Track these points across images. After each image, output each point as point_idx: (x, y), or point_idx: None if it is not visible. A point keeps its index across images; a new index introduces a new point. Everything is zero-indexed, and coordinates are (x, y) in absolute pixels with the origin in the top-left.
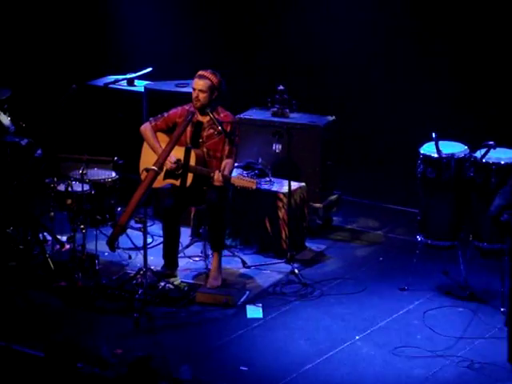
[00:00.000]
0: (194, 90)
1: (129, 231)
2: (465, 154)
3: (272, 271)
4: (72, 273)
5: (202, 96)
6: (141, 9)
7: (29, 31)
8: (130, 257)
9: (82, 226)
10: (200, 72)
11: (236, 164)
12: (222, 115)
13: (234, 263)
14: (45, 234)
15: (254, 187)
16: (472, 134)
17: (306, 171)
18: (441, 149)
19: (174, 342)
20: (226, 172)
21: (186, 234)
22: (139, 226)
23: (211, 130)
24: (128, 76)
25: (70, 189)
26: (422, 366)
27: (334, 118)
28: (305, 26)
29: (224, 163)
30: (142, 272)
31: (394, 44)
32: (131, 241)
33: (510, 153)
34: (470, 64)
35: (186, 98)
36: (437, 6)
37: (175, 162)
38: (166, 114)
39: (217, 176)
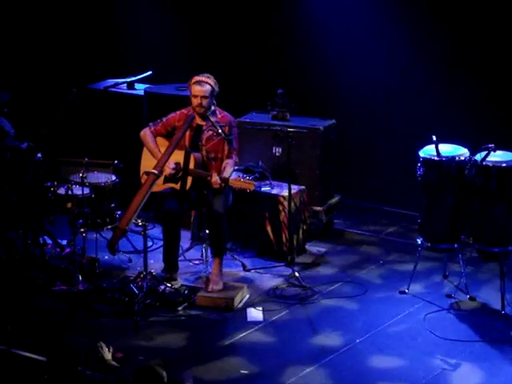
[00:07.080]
0: (195, 97)
1: (129, 234)
2: (465, 157)
3: (272, 274)
4: (72, 276)
5: (205, 102)
6: (141, 12)
7: (29, 34)
8: (130, 260)
9: (82, 230)
10: (198, 78)
11: (236, 167)
12: (219, 116)
13: (234, 266)
14: (45, 237)
15: (253, 188)
16: (472, 136)
17: (306, 174)
18: (441, 152)
19: (174, 346)
20: (224, 173)
21: (186, 237)
22: (139, 229)
23: (210, 132)
24: (128, 79)
25: (70, 192)
26: (422, 369)
27: (333, 121)
28: (305, 29)
29: (224, 163)
30: (142, 275)
31: (394, 47)
32: (131, 244)
33: (510, 155)
34: (470, 67)
35: (187, 101)
36: (435, 9)
37: (174, 168)
38: (164, 119)
39: (214, 179)
